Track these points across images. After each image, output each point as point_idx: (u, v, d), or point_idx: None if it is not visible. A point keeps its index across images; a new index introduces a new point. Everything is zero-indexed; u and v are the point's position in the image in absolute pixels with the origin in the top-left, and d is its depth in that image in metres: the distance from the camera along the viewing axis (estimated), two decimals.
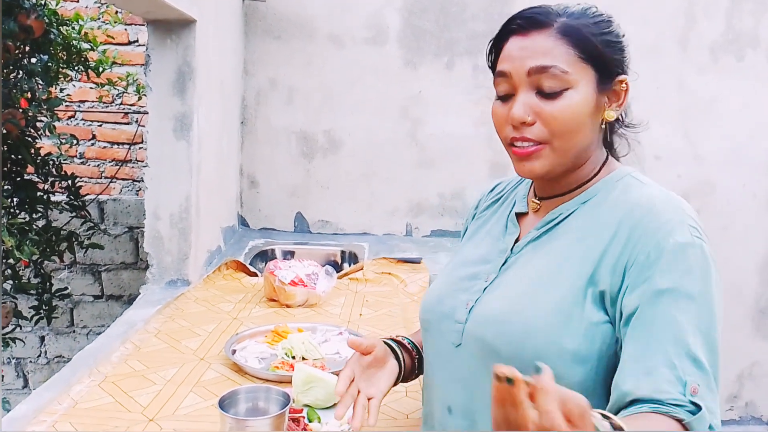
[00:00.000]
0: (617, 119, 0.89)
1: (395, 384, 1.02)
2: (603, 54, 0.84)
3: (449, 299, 0.93)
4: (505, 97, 0.87)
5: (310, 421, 1.19)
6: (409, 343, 1.08)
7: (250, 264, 2.40)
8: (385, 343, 1.04)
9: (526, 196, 0.98)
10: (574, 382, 0.76)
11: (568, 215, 0.88)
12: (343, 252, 2.70)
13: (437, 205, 3.00)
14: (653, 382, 0.72)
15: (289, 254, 2.64)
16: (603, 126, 0.88)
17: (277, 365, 1.46)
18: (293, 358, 1.50)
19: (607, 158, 0.91)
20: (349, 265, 2.57)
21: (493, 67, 0.91)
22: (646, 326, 0.74)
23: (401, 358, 1.04)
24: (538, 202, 0.94)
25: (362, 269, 2.35)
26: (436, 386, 0.96)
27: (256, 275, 2.28)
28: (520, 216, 0.96)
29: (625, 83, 0.87)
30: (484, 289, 0.90)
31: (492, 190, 1.10)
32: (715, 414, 0.72)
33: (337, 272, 2.16)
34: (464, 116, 2.94)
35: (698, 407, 0.71)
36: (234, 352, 1.54)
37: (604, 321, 0.78)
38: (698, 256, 0.76)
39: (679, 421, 0.71)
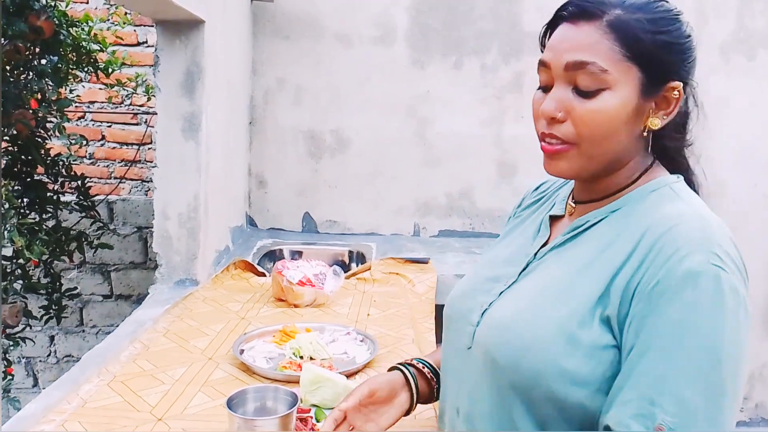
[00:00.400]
0: (665, 128, 0.81)
1: (407, 414, 0.98)
2: (654, 55, 0.76)
3: (469, 299, 0.90)
4: (546, 88, 0.81)
5: (317, 421, 1.19)
6: (429, 370, 1.02)
7: (258, 264, 2.41)
8: (401, 369, 1.00)
9: (565, 198, 0.92)
10: (572, 403, 0.73)
11: (595, 223, 0.82)
12: (350, 252, 2.70)
13: (445, 204, 3.00)
14: (621, 414, 0.69)
15: (296, 254, 2.64)
16: (645, 133, 0.80)
17: (285, 365, 1.46)
18: (301, 357, 1.50)
19: (651, 165, 0.84)
20: (357, 265, 2.57)
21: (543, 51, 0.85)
22: (639, 356, 0.70)
23: (414, 389, 0.99)
24: (574, 205, 0.88)
25: (370, 269, 2.35)
26: (448, 386, 0.94)
27: (264, 275, 2.29)
28: (554, 219, 0.91)
29: (678, 90, 0.78)
30: (501, 293, 0.86)
31: (537, 189, 1.03)
32: None
33: (345, 272, 2.16)
34: (472, 115, 2.94)
35: None
36: (242, 351, 1.54)
37: (611, 345, 0.73)
38: (710, 287, 0.68)
39: None
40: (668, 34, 0.77)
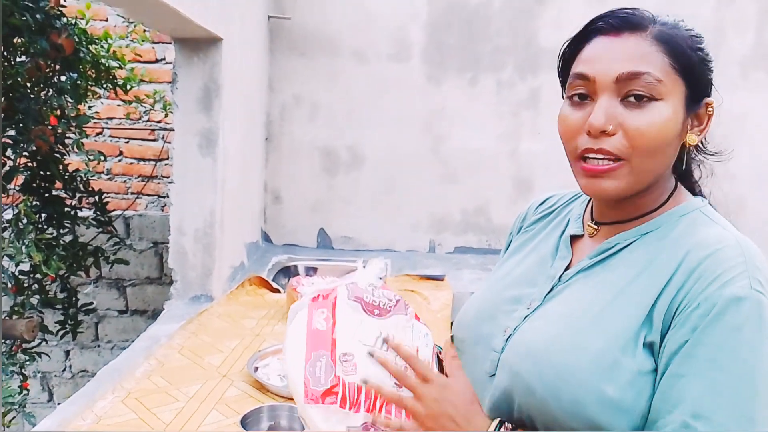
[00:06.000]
0: (697, 146, 0.81)
1: None
2: (696, 70, 0.76)
3: (488, 322, 0.86)
4: (580, 104, 0.77)
5: None
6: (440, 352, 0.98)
7: (273, 280, 2.40)
8: None
9: (581, 217, 0.89)
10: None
11: (626, 246, 0.79)
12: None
13: (460, 221, 2.98)
14: None
15: (311, 270, 2.63)
16: (687, 150, 0.80)
17: None
18: None
19: (675, 187, 0.82)
20: None
21: (563, 70, 0.82)
22: (676, 378, 0.68)
23: None
24: (596, 226, 0.84)
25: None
26: None
27: (279, 291, 2.28)
28: (573, 239, 0.87)
29: (711, 107, 0.79)
30: (525, 317, 0.82)
31: (542, 203, 0.99)
32: None
33: None
34: (488, 131, 2.93)
35: None
36: (256, 369, 1.53)
37: (653, 369, 0.71)
38: (752, 313, 0.67)
39: None
40: (702, 51, 0.77)
